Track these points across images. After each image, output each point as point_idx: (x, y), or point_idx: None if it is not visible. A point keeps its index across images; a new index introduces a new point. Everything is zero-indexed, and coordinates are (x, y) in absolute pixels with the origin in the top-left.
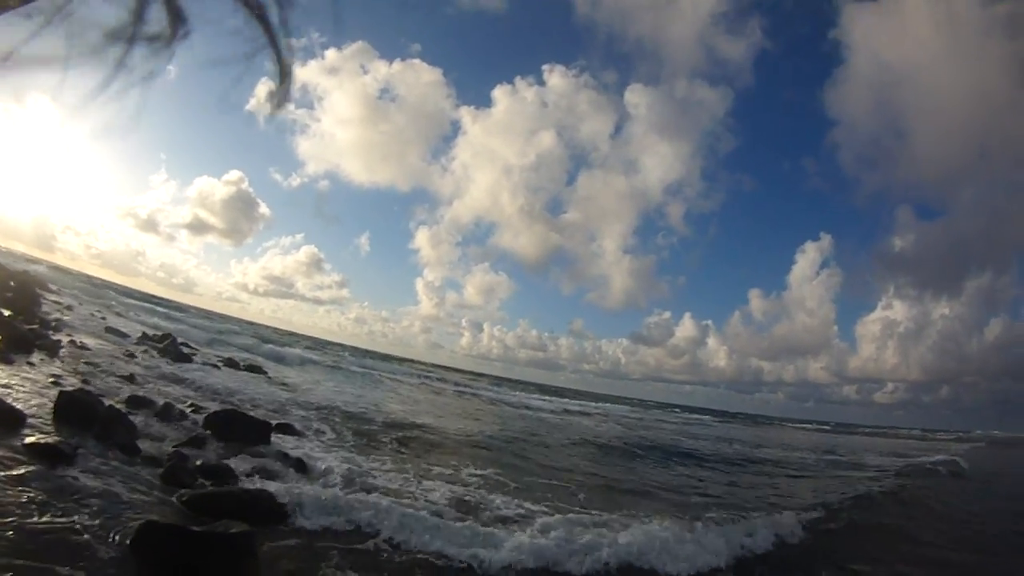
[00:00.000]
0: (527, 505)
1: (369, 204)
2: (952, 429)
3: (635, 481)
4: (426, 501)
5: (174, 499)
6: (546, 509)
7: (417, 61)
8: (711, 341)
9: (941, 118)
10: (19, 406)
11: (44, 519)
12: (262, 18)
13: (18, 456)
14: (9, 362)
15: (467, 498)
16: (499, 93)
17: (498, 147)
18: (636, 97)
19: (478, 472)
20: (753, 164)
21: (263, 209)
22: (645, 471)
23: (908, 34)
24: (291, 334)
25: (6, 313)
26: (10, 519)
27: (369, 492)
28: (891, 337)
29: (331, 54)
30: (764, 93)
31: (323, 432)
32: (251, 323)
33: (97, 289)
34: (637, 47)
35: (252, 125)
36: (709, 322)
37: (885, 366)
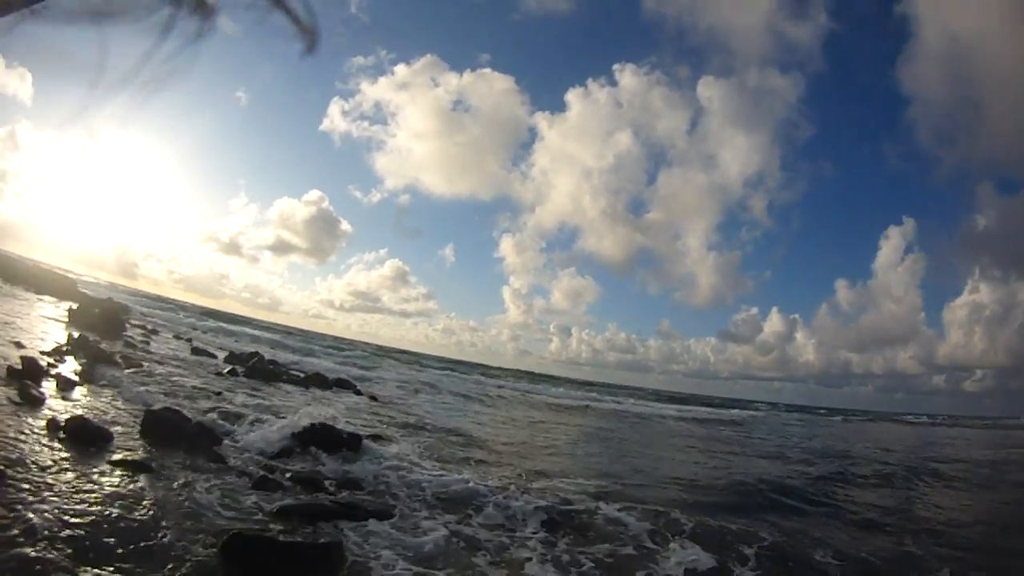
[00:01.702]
0: None
1: (451, 215)
2: None
3: None
4: None
5: (263, 511)
6: None
7: (488, 70)
8: (799, 335)
9: (1015, 88)
10: (106, 425)
11: (131, 533)
12: None
13: (106, 472)
14: (96, 383)
15: None
16: (572, 96)
17: (576, 151)
18: (709, 90)
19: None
20: (831, 150)
21: (345, 226)
22: None
23: (974, 1)
24: (379, 347)
25: (91, 336)
26: (97, 534)
27: None
28: (978, 322)
29: (400, 69)
30: (836, 76)
31: (415, 445)
32: (338, 338)
33: (182, 312)
34: (706, 38)
35: (328, 144)
36: (796, 316)
37: (973, 352)
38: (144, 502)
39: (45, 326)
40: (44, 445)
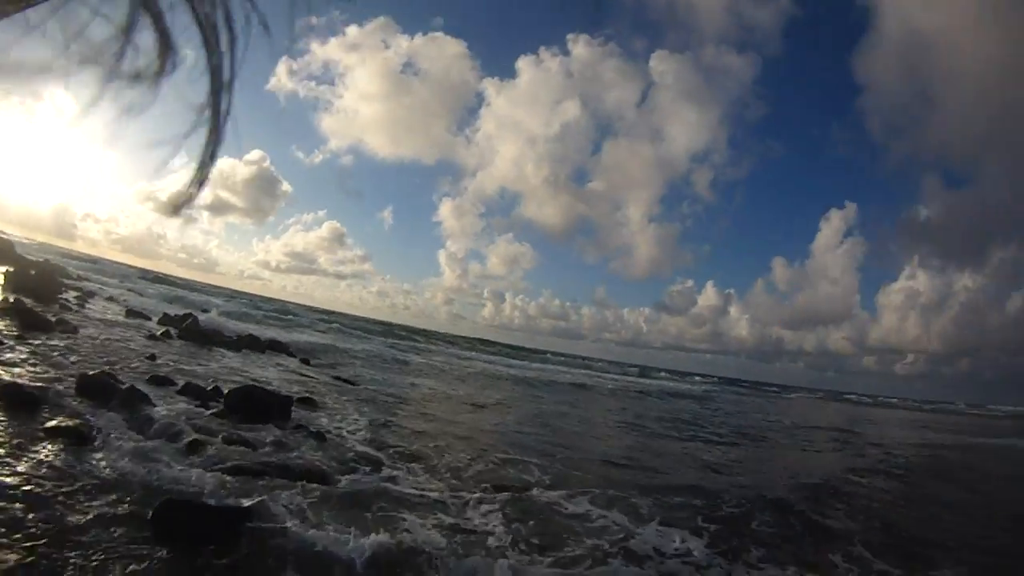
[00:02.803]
0: None
1: (393, 178)
2: (988, 403)
3: None
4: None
5: (194, 475)
6: None
7: (440, 34)
8: (733, 310)
9: (970, 86)
10: (39, 390)
11: (65, 500)
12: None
13: (39, 438)
14: (29, 346)
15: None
16: (523, 64)
17: (523, 118)
18: (662, 64)
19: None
20: (780, 131)
21: (285, 187)
22: None
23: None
24: (313, 308)
25: (27, 300)
26: (31, 501)
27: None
28: (913, 308)
29: (352, 30)
30: (792, 60)
31: (346, 407)
32: (273, 299)
33: (118, 272)
34: (666, 13)
35: (273, 104)
36: (731, 291)
37: (906, 337)
38: (76, 468)
39: None
40: None
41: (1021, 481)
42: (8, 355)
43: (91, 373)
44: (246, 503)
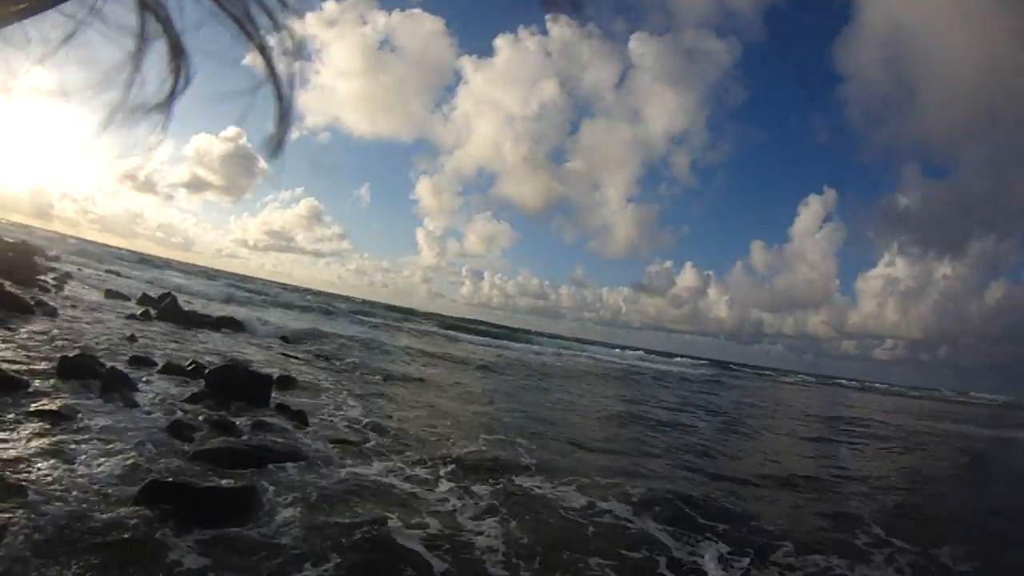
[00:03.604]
0: None
1: (370, 155)
2: (971, 390)
3: None
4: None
5: (178, 456)
6: None
7: (418, 11)
8: (712, 291)
9: (951, 79)
10: (20, 371)
11: (48, 483)
12: (263, 51)
13: (20, 421)
14: (9, 328)
15: None
16: (501, 42)
17: (500, 96)
18: (641, 46)
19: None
20: (760, 116)
21: (262, 164)
22: None
23: None
24: (292, 288)
25: (5, 282)
26: (12, 484)
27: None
28: (892, 294)
29: (329, 5)
30: (772, 46)
31: (327, 388)
32: (251, 278)
33: (96, 253)
34: None
35: (249, 79)
36: (711, 272)
37: (885, 323)
38: (59, 451)
39: None
40: None
41: None
42: None
43: (72, 355)
44: (230, 485)
